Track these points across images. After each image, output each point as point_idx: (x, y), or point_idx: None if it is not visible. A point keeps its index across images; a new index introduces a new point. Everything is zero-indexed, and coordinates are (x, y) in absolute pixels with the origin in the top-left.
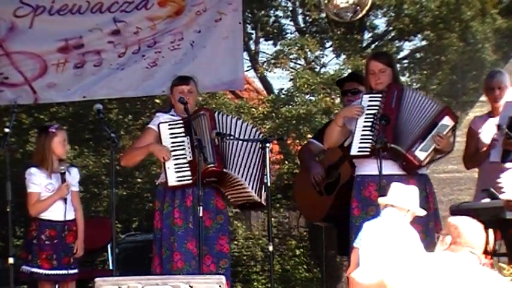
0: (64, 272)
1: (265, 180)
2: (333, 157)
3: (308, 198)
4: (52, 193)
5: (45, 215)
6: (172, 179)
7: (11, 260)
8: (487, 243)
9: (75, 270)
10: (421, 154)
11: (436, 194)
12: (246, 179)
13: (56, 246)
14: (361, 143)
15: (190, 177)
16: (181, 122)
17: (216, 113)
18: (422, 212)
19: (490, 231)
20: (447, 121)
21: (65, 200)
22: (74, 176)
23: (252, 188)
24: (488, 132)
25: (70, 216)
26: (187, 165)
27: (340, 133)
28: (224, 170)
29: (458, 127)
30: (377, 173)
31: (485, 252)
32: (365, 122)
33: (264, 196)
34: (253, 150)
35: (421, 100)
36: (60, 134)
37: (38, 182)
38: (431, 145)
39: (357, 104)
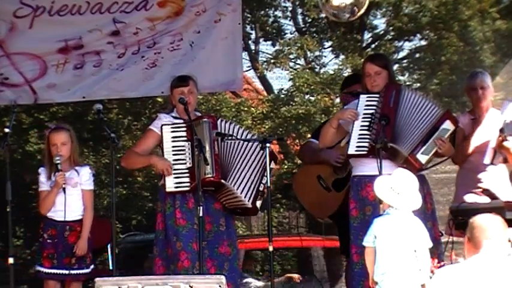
0: (65, 271)
1: (260, 188)
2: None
3: (315, 195)
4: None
5: (49, 215)
6: (171, 185)
7: (11, 260)
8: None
9: (81, 271)
10: (422, 157)
11: (434, 194)
12: (241, 186)
13: (57, 245)
14: (358, 142)
15: (188, 184)
16: (183, 125)
17: (219, 120)
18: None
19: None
20: (448, 125)
21: (65, 199)
22: (82, 174)
23: (246, 197)
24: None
25: (73, 216)
26: (186, 171)
27: (334, 134)
28: (222, 181)
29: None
30: (375, 173)
31: None
32: (362, 121)
33: (259, 204)
34: (253, 157)
35: (421, 101)
36: (53, 136)
37: (44, 180)
38: (433, 149)
39: (354, 104)
